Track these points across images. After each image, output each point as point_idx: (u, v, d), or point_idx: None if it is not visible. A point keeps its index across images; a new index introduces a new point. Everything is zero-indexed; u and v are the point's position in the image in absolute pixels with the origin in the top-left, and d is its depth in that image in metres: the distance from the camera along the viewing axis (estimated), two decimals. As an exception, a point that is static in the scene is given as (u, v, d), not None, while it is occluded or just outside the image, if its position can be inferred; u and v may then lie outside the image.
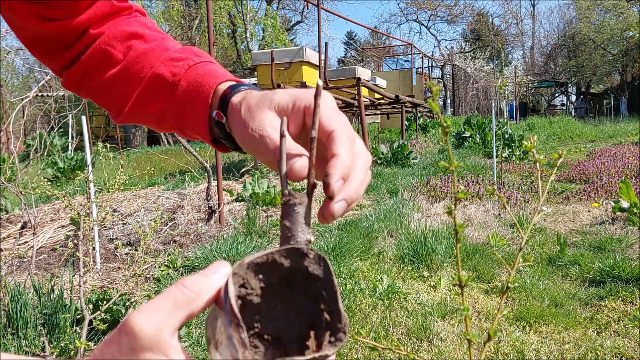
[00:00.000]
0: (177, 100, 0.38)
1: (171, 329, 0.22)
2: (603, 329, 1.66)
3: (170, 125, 0.40)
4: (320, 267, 0.25)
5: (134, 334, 0.21)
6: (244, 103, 0.33)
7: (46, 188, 1.78)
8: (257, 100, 0.33)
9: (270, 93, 0.33)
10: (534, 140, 0.54)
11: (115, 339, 0.21)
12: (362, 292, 1.93)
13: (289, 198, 0.27)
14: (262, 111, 0.32)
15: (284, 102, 0.31)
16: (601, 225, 2.86)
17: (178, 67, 0.38)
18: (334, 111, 0.30)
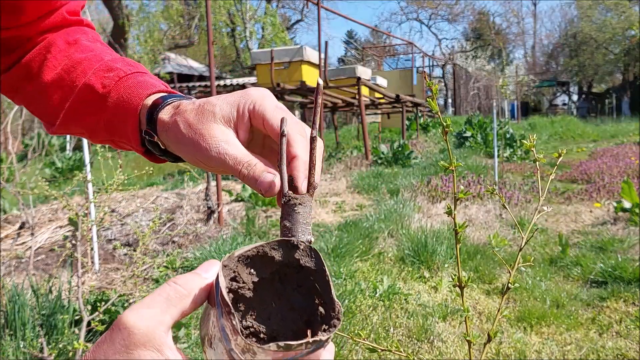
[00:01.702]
0: (108, 112, 0.37)
1: (165, 326, 0.22)
2: (605, 330, 1.65)
3: (103, 137, 0.39)
4: (312, 259, 0.25)
5: (128, 331, 0.21)
6: (180, 119, 0.32)
7: (44, 188, 1.77)
8: (196, 115, 0.31)
9: (207, 105, 0.31)
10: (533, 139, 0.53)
11: (109, 338, 0.21)
12: (362, 293, 1.91)
13: (289, 198, 0.27)
14: (210, 127, 0.30)
15: (228, 112, 0.31)
16: (603, 225, 2.85)
17: (109, 79, 0.37)
18: (279, 110, 0.30)
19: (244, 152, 0.30)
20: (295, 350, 0.22)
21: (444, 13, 20.71)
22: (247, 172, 0.29)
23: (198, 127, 0.31)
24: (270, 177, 0.28)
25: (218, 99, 0.32)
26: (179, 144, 0.32)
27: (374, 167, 5.02)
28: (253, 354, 0.22)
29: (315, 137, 0.27)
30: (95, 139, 0.40)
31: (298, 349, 0.22)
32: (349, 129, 10.35)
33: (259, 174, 0.29)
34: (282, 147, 0.27)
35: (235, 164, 0.29)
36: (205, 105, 0.31)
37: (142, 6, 9.59)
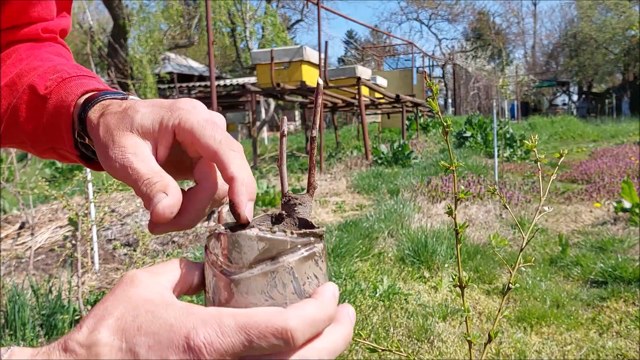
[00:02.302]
0: (47, 115, 0.34)
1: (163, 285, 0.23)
2: (605, 330, 1.65)
3: (44, 145, 0.36)
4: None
5: (125, 276, 0.22)
6: (102, 122, 0.29)
7: (44, 188, 1.77)
8: (117, 119, 0.29)
9: (131, 110, 0.29)
10: (534, 140, 0.53)
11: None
12: (362, 293, 1.91)
13: (289, 198, 0.27)
14: (123, 135, 0.28)
15: (148, 124, 0.28)
16: (603, 225, 2.85)
17: (51, 80, 0.35)
18: (208, 123, 0.27)
19: (150, 168, 0.27)
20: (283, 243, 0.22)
21: (444, 13, 20.72)
22: (145, 190, 0.26)
23: (113, 132, 0.28)
24: (161, 198, 0.25)
25: (145, 105, 0.29)
26: (97, 147, 0.30)
27: (374, 167, 5.02)
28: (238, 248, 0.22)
29: (315, 137, 0.27)
30: (39, 149, 0.37)
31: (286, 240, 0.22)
32: (349, 129, 10.35)
33: (155, 193, 0.25)
34: (282, 147, 0.27)
35: (136, 179, 0.26)
36: (129, 110, 0.29)
37: (143, 6, 9.59)
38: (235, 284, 0.22)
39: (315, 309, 0.21)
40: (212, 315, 0.20)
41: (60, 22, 0.43)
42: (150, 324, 0.20)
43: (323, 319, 0.21)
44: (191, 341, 0.19)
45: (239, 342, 0.19)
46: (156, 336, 0.19)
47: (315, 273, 0.23)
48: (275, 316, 0.20)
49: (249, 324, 0.20)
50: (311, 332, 0.21)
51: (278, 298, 0.22)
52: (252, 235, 0.22)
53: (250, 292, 0.21)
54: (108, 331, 0.20)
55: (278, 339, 0.20)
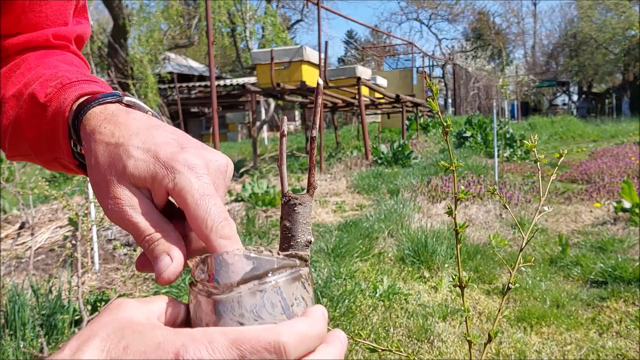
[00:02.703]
0: (47, 124, 0.33)
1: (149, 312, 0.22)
2: (605, 330, 1.65)
3: (46, 156, 0.34)
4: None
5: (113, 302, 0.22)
6: (94, 154, 0.28)
7: (44, 188, 1.77)
8: (108, 158, 0.27)
9: (122, 150, 0.27)
10: (534, 140, 0.53)
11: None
12: (362, 293, 1.92)
13: (289, 198, 0.27)
14: (115, 184, 0.26)
15: (142, 176, 0.26)
16: (603, 225, 2.85)
17: (51, 87, 0.34)
18: (203, 199, 0.25)
19: (151, 221, 0.26)
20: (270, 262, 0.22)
21: (444, 13, 20.72)
22: (147, 246, 0.26)
23: (105, 176, 0.27)
24: (166, 262, 0.25)
25: (138, 147, 0.27)
26: (90, 177, 0.28)
27: (374, 167, 5.02)
28: (226, 267, 0.22)
29: (315, 137, 0.27)
30: (43, 159, 0.35)
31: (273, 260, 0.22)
32: (349, 129, 10.35)
33: (158, 254, 0.25)
34: (282, 147, 0.27)
35: (138, 234, 0.26)
36: (121, 148, 0.27)
37: (143, 6, 9.59)
38: (223, 305, 0.21)
39: (306, 326, 0.21)
40: (201, 333, 0.20)
41: (76, 29, 0.41)
42: (137, 343, 0.19)
43: (314, 335, 0.21)
44: (180, 357, 0.19)
45: (231, 358, 0.19)
46: (143, 355, 0.19)
47: (303, 295, 0.23)
48: (267, 331, 0.20)
49: (241, 339, 0.19)
50: (303, 349, 0.21)
51: (267, 318, 0.21)
52: (240, 254, 0.22)
53: (238, 312, 0.21)
54: (93, 351, 0.19)
55: (271, 353, 0.19)
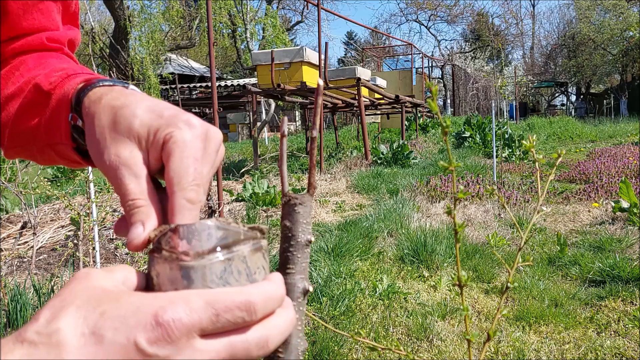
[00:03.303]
0: (50, 110, 0.34)
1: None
2: (603, 329, 1.66)
3: (42, 142, 0.35)
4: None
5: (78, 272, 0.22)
6: (97, 114, 0.28)
7: (46, 188, 1.78)
8: (112, 118, 0.28)
9: (129, 111, 0.27)
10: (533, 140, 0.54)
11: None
12: (362, 292, 1.93)
13: (289, 198, 0.27)
14: (119, 141, 0.27)
15: (144, 130, 0.27)
16: (601, 225, 2.86)
17: (56, 77, 0.35)
18: (189, 158, 0.26)
19: (141, 188, 0.26)
20: (237, 233, 0.23)
21: (443, 14, 20.74)
22: (129, 210, 0.26)
23: (109, 134, 0.27)
24: (139, 231, 0.25)
25: (139, 106, 0.27)
26: (88, 139, 0.29)
27: (374, 167, 5.03)
28: (198, 236, 0.22)
29: (315, 138, 0.27)
30: (37, 148, 0.36)
31: (240, 231, 0.23)
32: (349, 130, 10.36)
33: (135, 221, 0.26)
34: (282, 148, 0.28)
35: (124, 195, 0.26)
36: (126, 110, 0.28)
37: (144, 7, 9.60)
38: (195, 271, 0.22)
39: (270, 288, 0.23)
40: (178, 295, 0.21)
41: (68, 33, 0.43)
42: (114, 309, 0.20)
43: (277, 298, 0.23)
44: (159, 317, 0.19)
45: (206, 317, 0.20)
46: (122, 319, 0.19)
47: (263, 265, 0.24)
48: (238, 292, 0.22)
49: (215, 299, 0.21)
50: (269, 308, 0.22)
51: (234, 284, 0.23)
52: (211, 225, 0.23)
53: (209, 278, 0.22)
54: (69, 318, 0.19)
55: (242, 311, 0.21)
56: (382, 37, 22.74)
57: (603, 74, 17.92)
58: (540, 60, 22.69)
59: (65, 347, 0.19)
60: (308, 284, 0.27)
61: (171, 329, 0.20)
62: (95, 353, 0.19)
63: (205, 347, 0.20)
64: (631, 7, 15.45)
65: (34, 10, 0.39)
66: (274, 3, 14.58)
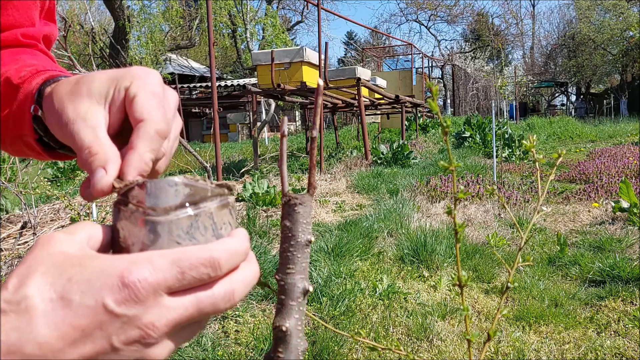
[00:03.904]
0: (17, 103, 0.35)
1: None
2: (603, 329, 1.66)
3: (13, 133, 0.36)
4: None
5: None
6: (55, 91, 0.30)
7: (46, 188, 1.78)
8: (71, 87, 0.29)
9: (86, 77, 0.29)
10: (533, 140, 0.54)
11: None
12: (362, 292, 1.93)
13: (289, 198, 0.27)
14: (77, 99, 0.28)
15: (104, 88, 0.28)
16: (601, 225, 2.86)
17: (26, 72, 0.35)
18: (153, 97, 0.27)
19: (96, 135, 0.27)
20: (205, 190, 0.23)
21: (443, 14, 20.74)
22: (87, 159, 0.26)
23: (67, 98, 0.28)
24: (101, 174, 0.25)
25: (100, 73, 0.29)
26: (50, 116, 0.29)
27: (374, 167, 5.03)
28: (165, 193, 0.22)
29: (315, 138, 0.27)
30: (10, 138, 0.36)
31: (207, 188, 0.23)
32: (349, 129, 10.36)
33: (95, 168, 0.26)
34: (282, 148, 0.27)
35: (81, 146, 0.26)
36: (85, 77, 0.29)
37: (144, 7, 9.60)
38: (161, 226, 0.22)
39: (234, 243, 0.23)
40: (142, 256, 0.21)
41: (43, 29, 0.43)
42: (80, 273, 0.20)
43: (241, 252, 0.23)
44: (125, 279, 0.20)
45: (171, 275, 0.21)
46: (88, 282, 0.20)
47: (229, 221, 0.25)
48: (202, 249, 0.22)
49: (180, 257, 0.21)
50: (232, 263, 0.23)
51: (200, 240, 0.23)
52: (179, 182, 0.23)
53: (175, 233, 0.22)
54: (36, 285, 0.20)
55: (207, 267, 0.21)
56: (382, 37, 22.75)
57: (603, 74, 17.92)
58: (540, 60, 22.69)
59: (35, 312, 0.19)
60: (308, 284, 0.27)
61: (137, 288, 0.20)
62: (65, 316, 0.19)
63: (173, 304, 0.21)
64: (631, 7, 15.46)
65: (9, 6, 0.39)
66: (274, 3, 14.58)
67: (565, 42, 19.30)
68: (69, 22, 4.13)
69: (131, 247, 0.23)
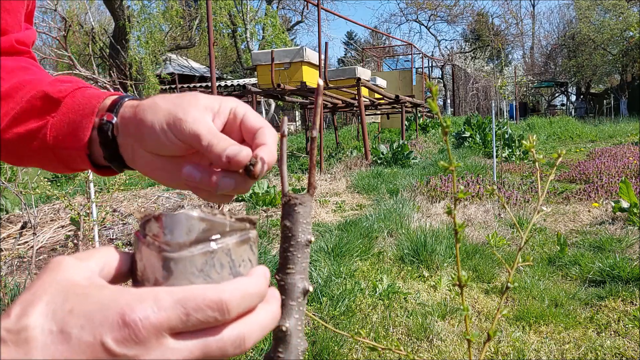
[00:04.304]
0: (59, 115, 0.36)
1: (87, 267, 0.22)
2: (603, 329, 1.66)
3: (41, 145, 0.36)
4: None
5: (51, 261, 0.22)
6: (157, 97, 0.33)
7: (46, 188, 1.78)
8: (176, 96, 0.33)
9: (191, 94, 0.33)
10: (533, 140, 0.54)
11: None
12: (362, 292, 1.93)
13: (289, 198, 0.27)
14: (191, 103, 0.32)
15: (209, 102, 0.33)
16: (601, 225, 2.86)
17: (65, 87, 0.37)
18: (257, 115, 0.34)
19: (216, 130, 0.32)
20: (223, 225, 0.22)
21: (443, 14, 20.74)
22: (217, 142, 0.30)
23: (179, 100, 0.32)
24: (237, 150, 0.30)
25: (202, 94, 0.34)
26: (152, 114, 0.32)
27: (374, 167, 5.03)
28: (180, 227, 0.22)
29: (315, 138, 0.27)
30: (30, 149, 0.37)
31: (226, 223, 0.22)
32: (349, 129, 10.36)
33: (228, 145, 0.30)
34: (282, 148, 0.28)
35: (208, 132, 0.31)
36: (187, 93, 0.34)
37: (144, 7, 9.60)
38: (175, 263, 0.22)
39: (248, 285, 0.22)
40: (147, 292, 0.20)
41: (30, 35, 0.43)
42: (81, 305, 0.19)
43: (255, 293, 0.22)
44: (126, 317, 0.19)
45: (175, 316, 0.20)
46: (89, 315, 0.19)
47: (250, 257, 0.24)
48: (210, 290, 0.21)
49: (186, 297, 0.20)
50: (244, 306, 0.22)
51: (215, 278, 0.22)
52: (195, 216, 0.22)
53: (189, 271, 0.22)
54: (37, 315, 0.19)
55: (214, 311, 0.20)
56: (382, 37, 22.75)
57: (603, 74, 17.92)
58: (540, 60, 22.69)
59: (33, 345, 0.19)
60: (308, 284, 0.27)
61: (138, 328, 0.19)
62: (63, 352, 0.19)
63: (177, 346, 0.20)
64: (631, 7, 15.45)
65: (3, 11, 0.39)
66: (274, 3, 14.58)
67: (565, 42, 19.30)
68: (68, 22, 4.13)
69: (146, 282, 0.22)
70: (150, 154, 0.33)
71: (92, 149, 0.36)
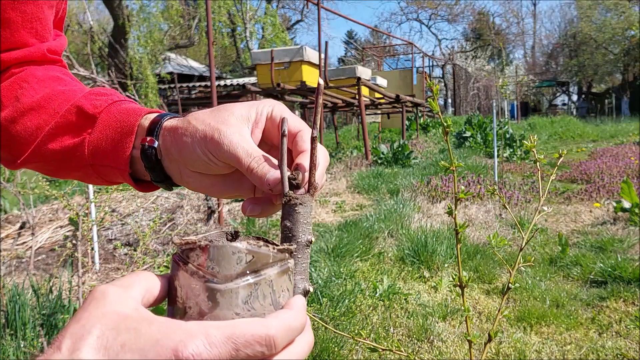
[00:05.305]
0: (97, 132, 0.36)
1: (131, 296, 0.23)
2: (605, 330, 1.65)
3: (80, 162, 0.36)
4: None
5: (95, 290, 0.22)
6: (192, 118, 0.33)
7: (45, 188, 1.78)
8: (211, 113, 0.32)
9: (222, 107, 0.33)
10: (534, 140, 0.53)
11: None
12: (362, 292, 1.92)
13: (289, 198, 0.27)
14: (227, 120, 0.32)
15: (245, 112, 0.32)
16: (603, 225, 2.85)
17: (100, 101, 0.37)
18: (297, 117, 0.33)
19: (256, 147, 0.31)
20: (267, 257, 0.23)
21: (444, 13, 20.74)
22: (257, 165, 0.30)
23: (213, 120, 0.32)
24: (278, 174, 0.29)
25: (236, 104, 0.33)
26: (190, 138, 0.32)
27: (374, 167, 5.02)
28: (227, 259, 0.23)
29: (316, 137, 0.27)
30: (67, 167, 0.37)
31: (269, 254, 0.23)
32: (349, 129, 10.36)
33: (268, 170, 0.30)
34: (282, 147, 0.28)
35: (247, 155, 0.30)
36: (221, 107, 0.33)
37: (143, 6, 9.60)
38: (221, 294, 0.22)
39: (291, 318, 0.23)
40: (198, 328, 0.21)
41: (62, 43, 0.43)
42: (134, 340, 0.20)
43: (298, 327, 0.23)
44: (180, 353, 0.19)
45: (226, 352, 0.20)
46: (142, 352, 0.19)
47: (288, 287, 0.25)
48: (258, 326, 0.22)
49: (235, 334, 0.21)
50: (288, 339, 0.23)
51: (258, 309, 0.23)
52: (242, 248, 0.23)
53: (235, 302, 0.22)
54: (91, 350, 0.20)
55: (262, 346, 0.21)
56: (383, 36, 22.74)
57: (604, 73, 17.91)
58: (541, 60, 22.68)
59: None
60: (308, 285, 0.27)
61: None
62: None
63: None
64: (632, 6, 15.43)
65: (34, 19, 0.39)
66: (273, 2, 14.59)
67: (566, 41, 19.28)
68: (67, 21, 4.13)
69: (188, 310, 0.23)
70: (198, 173, 0.34)
71: (134, 168, 0.36)
